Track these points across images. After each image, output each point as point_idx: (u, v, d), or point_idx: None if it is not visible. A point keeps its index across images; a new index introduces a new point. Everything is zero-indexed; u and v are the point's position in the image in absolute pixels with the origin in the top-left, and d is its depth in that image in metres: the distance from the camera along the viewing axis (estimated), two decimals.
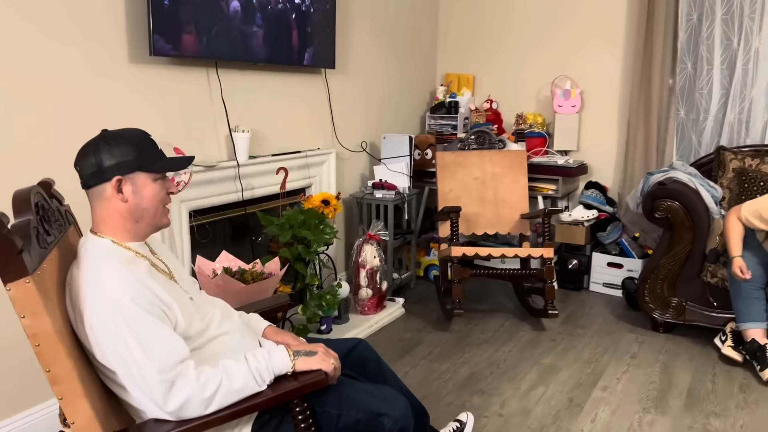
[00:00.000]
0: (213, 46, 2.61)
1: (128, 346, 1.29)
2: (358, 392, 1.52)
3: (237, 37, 2.72)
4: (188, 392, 1.31)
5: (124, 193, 1.39)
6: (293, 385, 1.41)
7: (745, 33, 3.50)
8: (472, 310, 3.54)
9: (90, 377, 1.35)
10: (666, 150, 3.76)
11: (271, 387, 1.40)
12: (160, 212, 1.45)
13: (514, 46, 4.26)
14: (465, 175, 3.64)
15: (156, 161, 1.42)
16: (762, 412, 2.44)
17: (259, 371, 1.39)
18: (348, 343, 1.80)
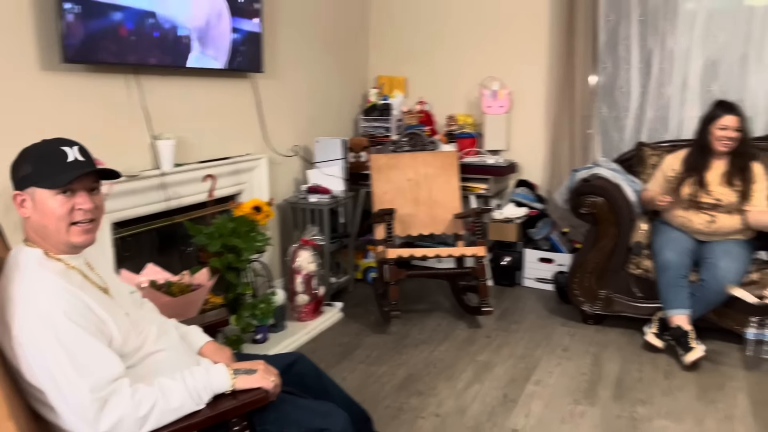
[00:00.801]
0: (129, 51, 2.52)
1: (59, 363, 1.24)
2: (298, 409, 1.52)
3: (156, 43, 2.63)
4: (122, 411, 1.27)
5: (25, 209, 1.36)
6: (232, 403, 1.40)
7: (660, 34, 3.66)
8: (410, 310, 3.56)
9: (16, 398, 1.29)
10: (590, 147, 3.88)
11: (209, 406, 1.38)
12: (63, 230, 1.36)
13: (444, 48, 4.31)
14: (399, 177, 3.66)
15: (55, 175, 1.34)
16: (684, 398, 2.55)
17: (197, 390, 1.37)
18: (286, 359, 1.78)
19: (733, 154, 2.97)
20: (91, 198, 1.39)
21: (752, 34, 3.50)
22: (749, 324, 2.90)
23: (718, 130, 2.94)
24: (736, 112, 2.95)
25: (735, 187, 2.94)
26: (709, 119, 2.99)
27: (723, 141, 2.94)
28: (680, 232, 3.07)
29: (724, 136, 2.93)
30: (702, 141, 3.02)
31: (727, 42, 3.57)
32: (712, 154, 3.00)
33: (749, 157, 2.98)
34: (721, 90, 3.59)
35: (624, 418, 2.40)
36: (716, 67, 3.62)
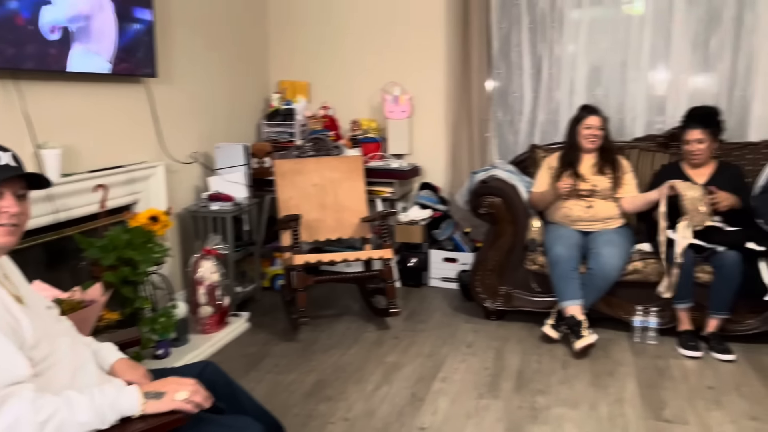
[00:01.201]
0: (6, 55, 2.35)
1: None
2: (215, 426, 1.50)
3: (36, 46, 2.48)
4: (18, 412, 1.24)
5: None
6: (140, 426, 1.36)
7: (548, 41, 3.86)
8: (319, 316, 3.55)
9: None
10: (487, 150, 4.04)
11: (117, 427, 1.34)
12: None
13: (346, 54, 4.34)
14: (304, 182, 3.64)
15: None
16: (579, 385, 2.70)
17: (103, 408, 1.33)
18: (194, 368, 1.74)
19: (600, 149, 3.33)
20: (18, 203, 1.40)
21: (630, 41, 3.77)
22: (636, 312, 3.12)
23: (584, 129, 3.29)
24: (598, 114, 3.32)
25: (607, 175, 3.28)
26: (576, 121, 3.35)
27: (589, 138, 3.28)
28: (567, 229, 3.27)
29: (590, 133, 3.28)
30: (572, 140, 3.35)
31: (608, 49, 3.83)
32: (581, 150, 3.33)
33: (614, 151, 3.37)
34: (604, 94, 3.85)
35: (525, 409, 2.50)
36: (599, 72, 3.87)
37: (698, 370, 2.82)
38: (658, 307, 3.11)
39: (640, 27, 3.74)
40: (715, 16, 3.62)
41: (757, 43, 3.56)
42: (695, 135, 3.16)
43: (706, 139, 3.15)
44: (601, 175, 3.30)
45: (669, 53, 3.71)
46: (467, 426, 2.39)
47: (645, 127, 3.80)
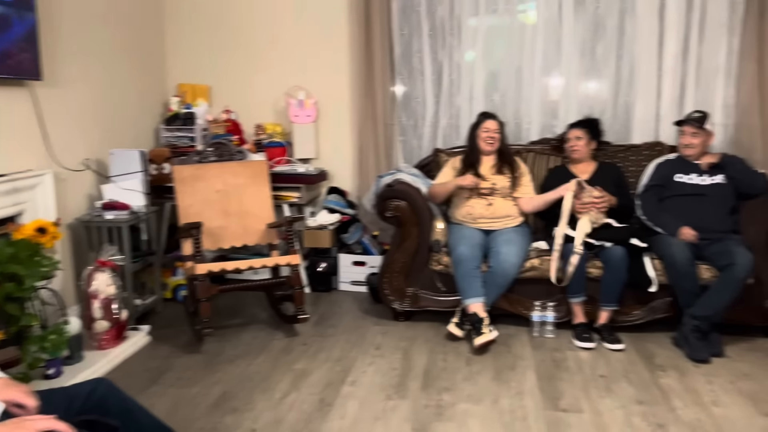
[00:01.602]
0: None
1: None
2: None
3: None
4: None
5: None
6: None
7: (448, 47, 3.97)
8: (225, 326, 3.46)
9: None
10: (393, 154, 4.10)
11: None
12: None
13: (248, 57, 4.27)
14: (206, 189, 3.53)
15: None
16: (483, 380, 2.79)
17: None
18: (85, 388, 1.66)
19: (499, 152, 3.52)
20: None
21: (524, 49, 3.95)
22: (534, 308, 3.26)
23: (483, 132, 3.47)
24: (495, 119, 3.51)
25: (505, 175, 3.47)
26: (475, 125, 3.54)
27: (487, 140, 3.47)
28: (470, 229, 3.38)
29: (487, 136, 3.47)
30: (472, 143, 3.53)
31: (504, 56, 3.99)
32: (481, 152, 3.51)
33: (511, 154, 3.57)
34: (501, 100, 4.00)
35: (431, 407, 2.56)
36: (497, 78, 4.02)
37: (591, 360, 2.99)
38: (555, 302, 3.27)
39: (533, 35, 3.92)
40: (600, 25, 3.86)
41: (638, 50, 3.83)
42: (575, 133, 3.53)
43: (583, 136, 3.50)
44: (500, 174, 3.47)
45: (560, 60, 3.91)
46: (375, 428, 2.40)
47: (540, 131, 3.99)
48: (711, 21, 3.72)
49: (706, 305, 2.99)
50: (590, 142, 3.52)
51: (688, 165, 3.37)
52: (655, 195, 3.37)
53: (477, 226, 3.41)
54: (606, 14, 3.84)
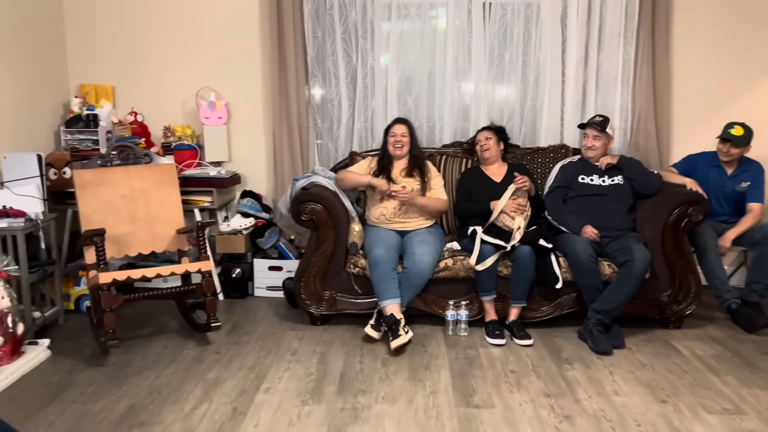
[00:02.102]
0: None
1: None
2: None
3: None
4: None
5: None
6: None
7: (360, 50, 3.98)
8: (134, 337, 3.32)
9: None
10: (309, 157, 4.06)
11: None
12: None
13: (156, 56, 4.11)
14: (110, 194, 3.37)
15: None
16: (398, 381, 2.81)
17: None
18: None
19: (410, 156, 3.59)
20: None
21: (436, 54, 4.02)
22: (448, 307, 3.33)
23: (391, 137, 3.57)
24: (404, 123, 3.61)
25: (415, 178, 3.53)
26: (386, 131, 3.63)
27: (395, 145, 3.55)
28: (386, 231, 3.42)
29: (395, 140, 3.56)
30: (384, 148, 3.61)
31: (417, 60, 4.05)
32: (393, 157, 3.58)
33: (422, 158, 3.63)
34: (415, 103, 4.06)
35: (347, 410, 2.55)
36: (410, 82, 4.08)
37: (503, 356, 3.08)
38: (467, 301, 3.35)
39: (444, 41, 4.00)
40: (507, 32, 3.99)
41: (542, 57, 3.98)
42: (484, 134, 3.65)
43: (492, 137, 3.62)
44: (410, 178, 3.54)
45: (470, 66, 4.01)
46: None
47: (452, 134, 4.07)
48: (608, 30, 3.94)
49: (608, 300, 3.15)
50: (499, 142, 3.65)
51: (591, 167, 3.55)
52: (559, 195, 3.52)
53: (391, 227, 3.45)
54: (513, 22, 3.97)
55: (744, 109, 4.01)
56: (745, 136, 3.58)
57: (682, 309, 3.35)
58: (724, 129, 3.63)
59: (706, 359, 3.03)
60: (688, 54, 4.01)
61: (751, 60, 4.02)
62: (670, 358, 3.05)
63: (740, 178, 3.66)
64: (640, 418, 2.47)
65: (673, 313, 3.37)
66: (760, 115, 3.99)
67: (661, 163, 3.96)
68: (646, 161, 3.82)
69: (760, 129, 3.77)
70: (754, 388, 2.73)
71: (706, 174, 3.63)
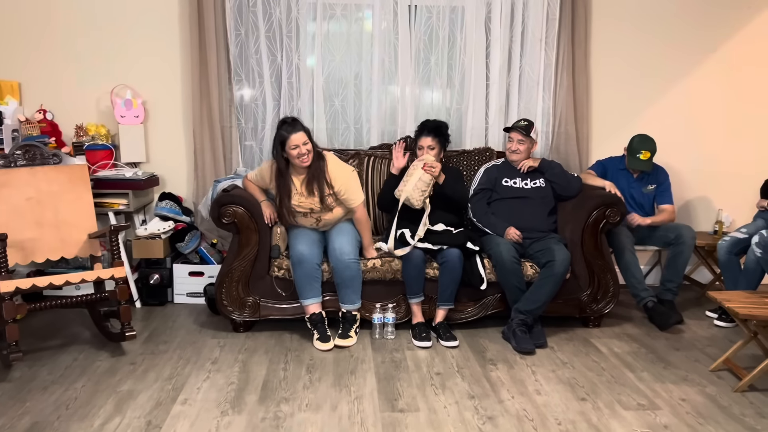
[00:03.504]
0: None
1: None
2: None
3: None
4: None
5: None
6: None
7: (285, 50, 3.90)
8: (40, 348, 3.11)
9: None
10: (232, 158, 3.93)
11: None
12: None
13: (67, 51, 3.88)
14: (14, 197, 3.15)
15: None
16: (323, 387, 2.75)
17: None
18: None
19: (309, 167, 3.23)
20: None
21: (363, 56, 3.99)
22: (375, 310, 3.29)
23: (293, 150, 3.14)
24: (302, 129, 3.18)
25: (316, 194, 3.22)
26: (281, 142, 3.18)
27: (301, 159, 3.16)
28: (308, 229, 3.37)
29: (300, 153, 3.14)
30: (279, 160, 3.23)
31: (343, 61, 4.00)
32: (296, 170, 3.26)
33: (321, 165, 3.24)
34: (342, 104, 4.01)
35: (268, 419, 2.46)
36: (337, 83, 4.02)
37: (429, 358, 3.07)
38: (394, 304, 3.33)
39: (371, 43, 3.97)
40: (432, 36, 4.00)
41: (467, 61, 4.02)
42: (428, 142, 3.47)
43: (436, 146, 3.47)
44: (311, 195, 3.23)
45: (397, 68, 4.00)
46: None
47: (379, 136, 4.05)
48: (531, 35, 4.02)
49: (530, 300, 3.21)
50: (441, 150, 3.50)
51: (514, 170, 3.61)
52: (483, 198, 3.56)
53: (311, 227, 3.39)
54: (438, 25, 3.99)
55: (659, 113, 4.20)
56: (650, 159, 3.73)
57: (601, 308, 3.46)
58: (631, 154, 3.74)
59: (623, 356, 3.13)
60: (606, 60, 4.16)
61: (666, 66, 4.20)
62: (589, 356, 3.13)
63: (646, 181, 3.83)
64: (561, 417, 2.51)
65: (593, 312, 3.46)
66: (672, 119, 4.20)
67: (581, 166, 4.08)
68: (566, 164, 3.92)
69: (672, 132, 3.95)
70: (667, 383, 2.84)
71: (615, 178, 3.76)
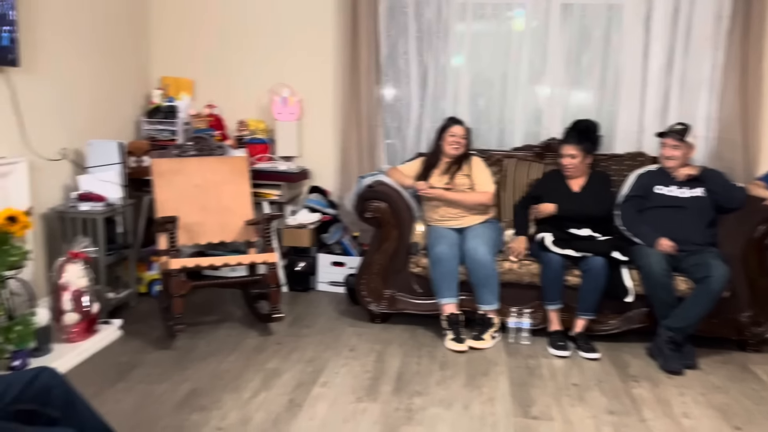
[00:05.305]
0: None
1: None
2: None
3: None
4: None
5: None
6: None
7: (434, 51, 3.95)
8: (199, 323, 3.42)
9: None
10: (376, 155, 4.07)
11: None
12: None
13: (233, 52, 4.22)
14: (184, 183, 3.49)
15: None
16: (455, 385, 2.77)
17: None
18: (25, 375, 1.61)
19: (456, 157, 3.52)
20: None
21: (511, 55, 3.94)
22: (510, 314, 3.25)
23: (449, 137, 3.49)
24: (463, 125, 3.53)
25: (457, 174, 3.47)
26: (442, 129, 3.54)
27: (454, 145, 3.48)
28: (446, 229, 3.40)
29: (456, 141, 3.48)
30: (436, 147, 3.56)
31: (490, 61, 3.98)
32: (445, 156, 3.53)
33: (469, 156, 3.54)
34: (486, 105, 3.99)
35: (401, 410, 2.53)
36: (482, 83, 4.01)
37: (566, 368, 2.98)
38: (531, 309, 3.26)
39: (520, 42, 3.91)
40: (586, 34, 3.86)
41: (623, 61, 3.83)
42: (568, 150, 3.39)
43: (578, 154, 3.36)
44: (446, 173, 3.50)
45: (546, 68, 3.91)
46: (343, 430, 2.38)
47: (523, 138, 3.98)
48: (696, 35, 3.74)
49: (681, 317, 2.99)
50: (585, 158, 3.41)
51: (669, 177, 3.37)
52: (634, 205, 3.36)
53: (449, 225, 3.43)
54: (592, 24, 3.84)
55: None
56: None
57: (762, 331, 3.15)
58: None
59: None
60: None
61: None
62: (746, 382, 2.87)
63: None
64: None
65: (753, 336, 3.16)
66: None
67: (747, 175, 3.72)
68: (730, 173, 3.60)
69: None
70: None
71: None
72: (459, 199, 3.43)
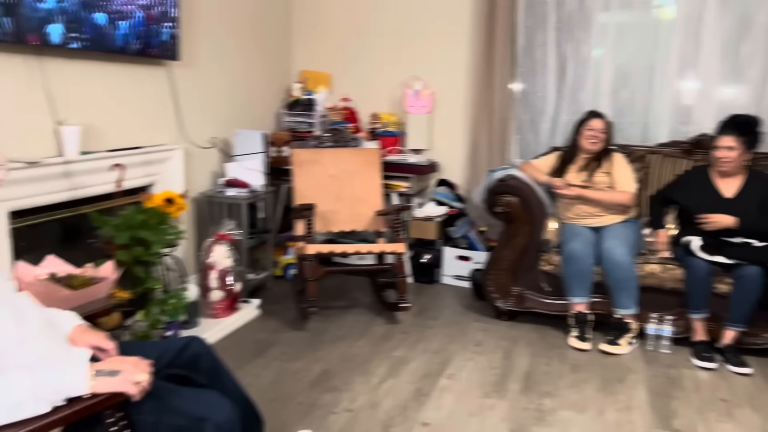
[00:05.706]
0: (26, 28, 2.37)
1: None
2: (179, 397, 1.47)
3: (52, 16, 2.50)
4: None
5: None
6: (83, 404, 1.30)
7: (575, 41, 3.80)
8: (330, 307, 3.54)
9: None
10: (507, 149, 3.99)
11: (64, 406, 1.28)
12: None
13: (368, 46, 4.32)
14: (321, 173, 3.63)
15: None
16: (588, 389, 2.66)
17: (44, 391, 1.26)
18: (177, 343, 1.75)
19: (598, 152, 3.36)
20: None
21: (659, 46, 3.70)
22: (650, 320, 3.06)
23: (587, 131, 3.33)
24: (603, 118, 3.35)
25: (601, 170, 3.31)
26: (580, 123, 3.39)
27: (591, 139, 3.32)
28: (581, 227, 3.27)
29: (592, 135, 3.32)
30: (573, 141, 3.42)
31: (635, 53, 3.76)
32: (581, 151, 3.38)
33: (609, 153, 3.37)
34: (630, 97, 3.78)
35: (531, 410, 2.47)
36: (626, 76, 3.80)
37: (711, 381, 2.76)
38: (673, 316, 3.05)
39: (670, 32, 3.66)
40: (746, 22, 3.53)
41: None
42: (726, 142, 3.03)
43: (737, 147, 3.00)
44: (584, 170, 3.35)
45: (698, 60, 3.62)
46: (470, 424, 2.36)
47: (669, 133, 3.72)
48: None
49: None
50: (744, 153, 3.02)
51: None
52: None
53: (585, 224, 3.30)
54: (755, 11, 3.50)
55: None
56: None
57: None
58: None
59: None
60: None
61: None
62: None
63: None
64: None
65: None
66: None
67: None
68: None
69: None
70: None
71: None
72: (598, 197, 3.27)
